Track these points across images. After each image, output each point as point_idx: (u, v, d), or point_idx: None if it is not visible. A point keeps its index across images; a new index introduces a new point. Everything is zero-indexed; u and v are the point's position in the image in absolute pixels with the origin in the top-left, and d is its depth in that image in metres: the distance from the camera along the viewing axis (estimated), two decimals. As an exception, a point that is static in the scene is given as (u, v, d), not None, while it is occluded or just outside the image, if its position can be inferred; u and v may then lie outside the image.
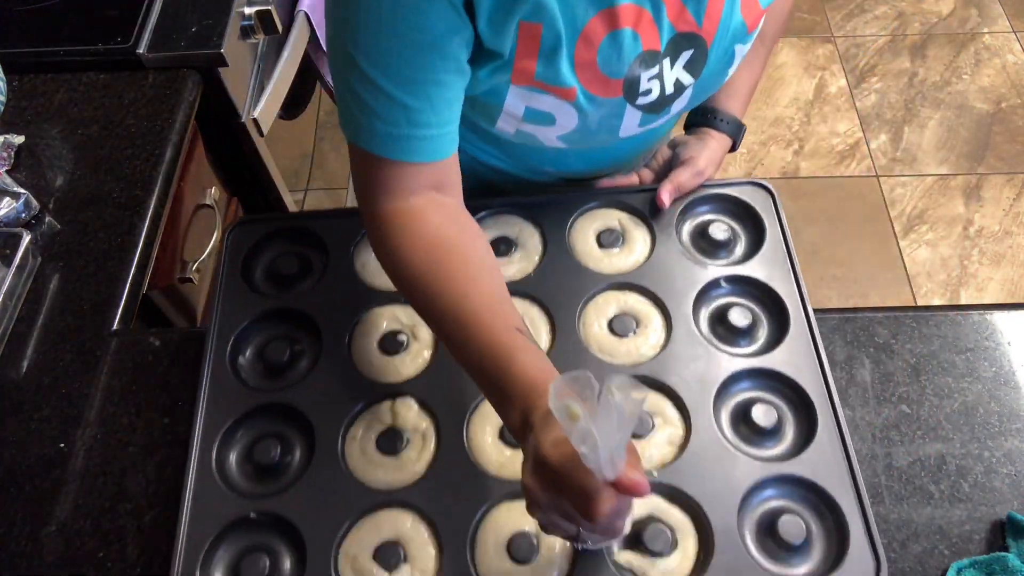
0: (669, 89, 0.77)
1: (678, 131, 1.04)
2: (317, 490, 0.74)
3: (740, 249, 0.90)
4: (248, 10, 1.20)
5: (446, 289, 0.67)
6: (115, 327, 0.88)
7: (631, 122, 0.79)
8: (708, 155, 0.92)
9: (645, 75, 0.74)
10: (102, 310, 0.89)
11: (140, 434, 0.81)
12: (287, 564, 0.72)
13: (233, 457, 0.78)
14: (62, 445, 0.80)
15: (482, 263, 0.70)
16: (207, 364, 0.81)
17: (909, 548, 0.72)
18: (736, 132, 0.95)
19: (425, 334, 0.83)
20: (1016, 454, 0.77)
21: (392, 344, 0.82)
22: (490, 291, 0.67)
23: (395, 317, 0.84)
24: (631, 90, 0.75)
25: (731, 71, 0.82)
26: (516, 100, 0.74)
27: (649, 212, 0.91)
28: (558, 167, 0.96)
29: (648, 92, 0.76)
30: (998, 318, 0.86)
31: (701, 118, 0.96)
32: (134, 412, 0.82)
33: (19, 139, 1.02)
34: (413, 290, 0.70)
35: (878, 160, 2.37)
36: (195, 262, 1.14)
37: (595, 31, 0.69)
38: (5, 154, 1.00)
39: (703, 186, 0.93)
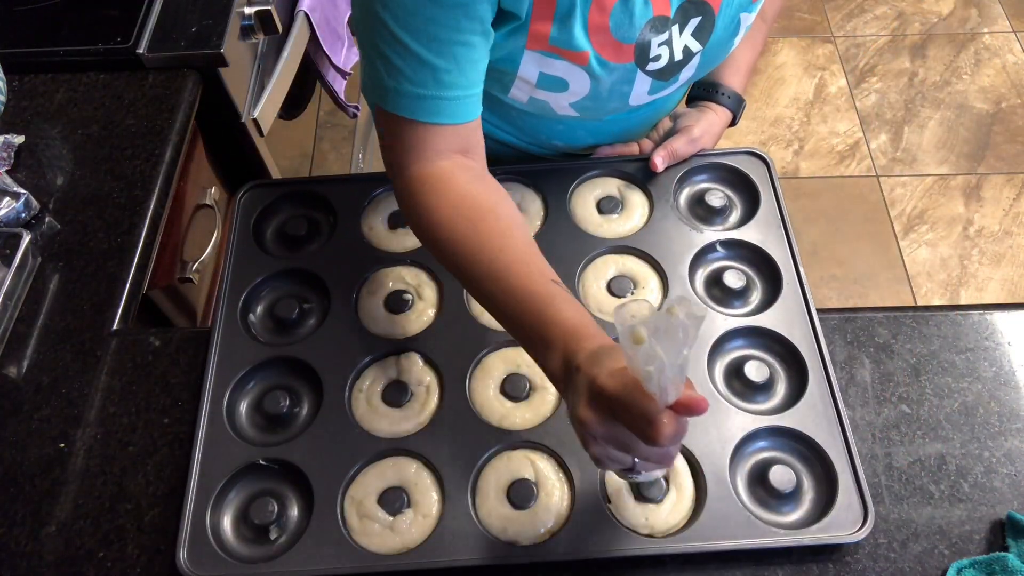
0: (678, 56, 0.79)
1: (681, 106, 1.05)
2: (324, 439, 0.77)
3: (736, 215, 0.93)
4: (248, 10, 1.20)
5: (481, 246, 0.68)
6: (115, 327, 0.88)
7: (641, 88, 0.81)
8: (705, 125, 0.95)
9: (655, 40, 0.76)
10: (102, 310, 0.89)
11: (140, 434, 0.81)
12: (295, 508, 0.74)
13: (243, 407, 0.80)
14: (62, 445, 0.80)
15: (512, 220, 0.71)
16: (219, 320, 0.84)
17: (909, 548, 0.72)
18: (736, 106, 0.98)
19: (430, 293, 0.86)
20: (1016, 454, 0.77)
21: (398, 303, 0.85)
22: (524, 246, 0.69)
23: (401, 277, 0.87)
24: (642, 55, 0.77)
25: (737, 40, 0.84)
26: (530, 66, 0.76)
27: (645, 179, 0.94)
28: (567, 140, 0.97)
29: (658, 58, 0.78)
30: (998, 318, 0.86)
31: (703, 92, 0.98)
32: (134, 412, 0.82)
33: (19, 139, 1.02)
34: (446, 250, 0.71)
35: (878, 160, 2.36)
36: (195, 262, 1.14)
37: None
38: (5, 154, 1.00)
39: (701, 155, 0.95)
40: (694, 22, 0.77)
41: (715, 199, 0.92)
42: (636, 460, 0.59)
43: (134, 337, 0.88)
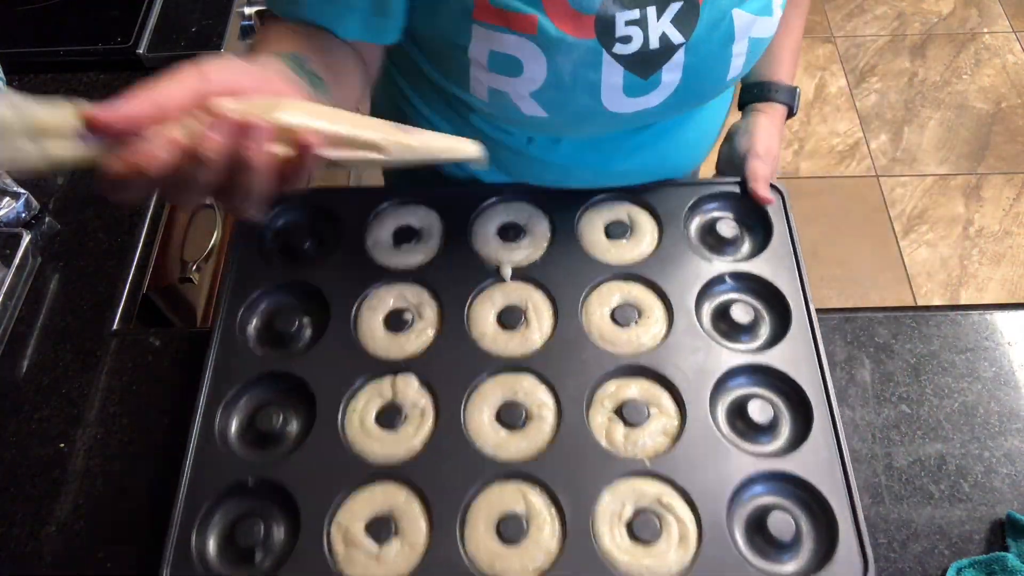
0: (654, 43, 0.71)
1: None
2: (315, 459, 0.75)
3: (747, 247, 0.90)
4: (248, 10, 1.20)
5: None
6: (115, 327, 0.88)
7: (613, 79, 0.73)
8: (762, 133, 0.92)
9: (622, 16, 0.68)
10: (102, 310, 0.89)
11: (140, 434, 0.81)
12: (282, 531, 0.73)
13: (235, 423, 0.79)
14: (62, 445, 0.80)
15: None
16: (216, 333, 0.82)
17: (909, 548, 0.72)
18: (790, 98, 0.95)
19: (430, 313, 0.85)
20: (1016, 454, 0.77)
21: (397, 321, 0.84)
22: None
23: (402, 295, 0.86)
24: (605, 32, 0.69)
25: (736, 50, 0.75)
26: (480, 44, 0.70)
27: (657, 204, 0.92)
28: (547, 162, 0.91)
29: (628, 40, 0.70)
30: (998, 318, 0.86)
31: (753, 95, 0.96)
32: (134, 412, 0.82)
33: (19, 139, 1.02)
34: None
35: (878, 160, 2.37)
36: (195, 262, 1.14)
37: None
38: (5, 154, 1.00)
39: (713, 183, 0.93)
40: (674, 7, 0.69)
41: (726, 229, 0.89)
42: None
43: (134, 337, 0.88)
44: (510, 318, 0.83)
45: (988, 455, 0.77)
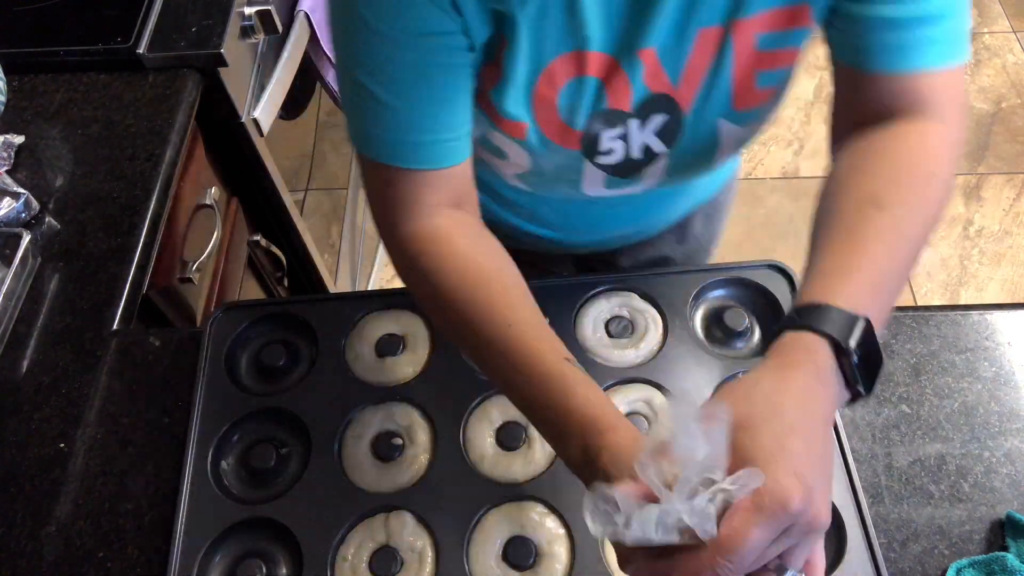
0: (636, 154, 0.71)
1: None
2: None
3: (757, 336, 0.84)
4: (248, 10, 1.20)
5: (488, 319, 0.62)
6: (115, 327, 0.88)
7: (594, 179, 0.74)
8: (772, 433, 0.48)
9: (607, 134, 0.69)
10: (102, 310, 0.89)
11: (140, 434, 0.81)
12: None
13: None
14: (62, 445, 0.80)
15: (519, 289, 0.65)
16: (186, 470, 0.76)
17: (909, 548, 0.72)
18: (845, 329, 0.52)
19: (423, 436, 0.78)
20: (1016, 454, 0.77)
21: (387, 449, 0.77)
22: (533, 320, 0.63)
23: (390, 417, 0.79)
24: (590, 146, 0.70)
25: (719, 154, 0.74)
26: (476, 126, 0.69)
27: (657, 296, 0.85)
28: (531, 211, 0.88)
29: (610, 152, 0.70)
30: (998, 318, 0.86)
31: (790, 322, 0.55)
32: (134, 412, 0.82)
33: (19, 139, 1.02)
34: (449, 320, 0.65)
35: (878, 160, 2.37)
36: (195, 262, 1.14)
37: (561, 70, 0.64)
38: (5, 154, 1.00)
39: (716, 269, 0.86)
40: (657, 119, 0.68)
41: (734, 320, 0.83)
42: None
43: (134, 337, 0.88)
44: (509, 437, 0.77)
45: (988, 455, 0.77)
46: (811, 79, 2.56)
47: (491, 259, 0.67)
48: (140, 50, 1.11)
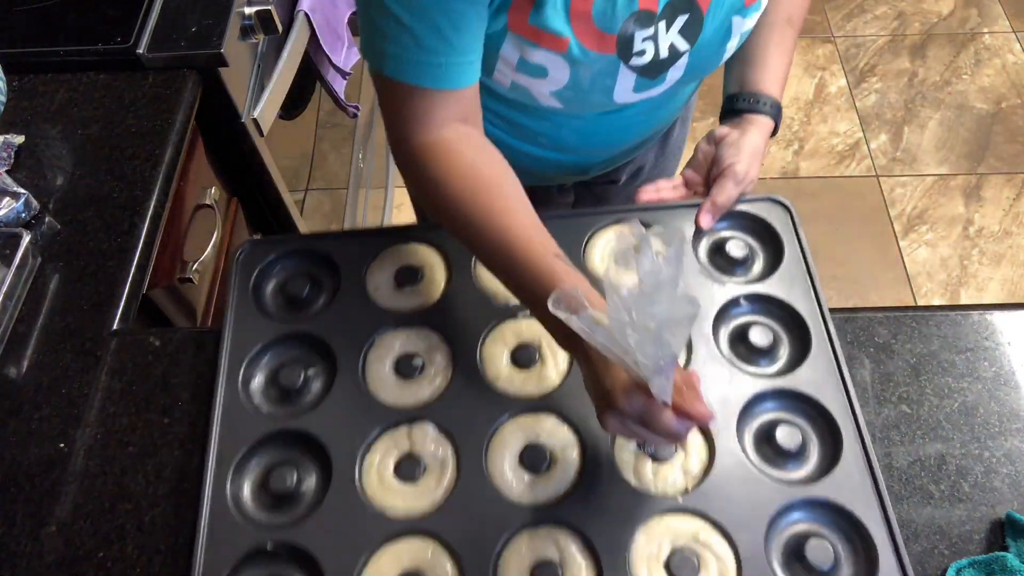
0: (664, 53, 0.78)
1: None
2: (335, 519, 0.73)
3: (758, 266, 0.88)
4: (248, 10, 1.20)
5: (488, 221, 0.71)
6: (115, 327, 0.88)
7: (626, 84, 0.80)
8: (749, 151, 0.89)
9: (639, 35, 0.75)
10: (102, 310, 0.89)
11: (140, 434, 0.81)
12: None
13: (248, 487, 0.76)
14: (62, 445, 0.80)
15: (516, 194, 0.74)
16: (219, 391, 0.80)
17: (909, 548, 0.72)
18: (777, 114, 0.93)
19: (440, 357, 0.82)
20: (1016, 454, 0.77)
21: (407, 368, 0.81)
22: (528, 222, 0.72)
23: (410, 340, 0.83)
24: (625, 48, 0.76)
25: (730, 46, 0.82)
26: (511, 48, 0.75)
27: (662, 226, 0.90)
28: (553, 138, 0.94)
29: (642, 53, 0.77)
30: (998, 318, 0.86)
31: (743, 103, 0.93)
32: (134, 412, 0.82)
33: (19, 139, 1.02)
34: (454, 221, 0.74)
35: (878, 160, 2.37)
36: (195, 262, 1.14)
37: None
38: (5, 154, 1.00)
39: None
40: (681, 19, 0.76)
41: (736, 249, 0.87)
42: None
43: (134, 337, 0.88)
44: (524, 356, 0.81)
45: (988, 455, 0.77)
46: (811, 79, 2.56)
47: (492, 167, 0.75)
48: (140, 50, 1.11)
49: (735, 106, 0.94)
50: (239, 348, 0.83)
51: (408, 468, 0.75)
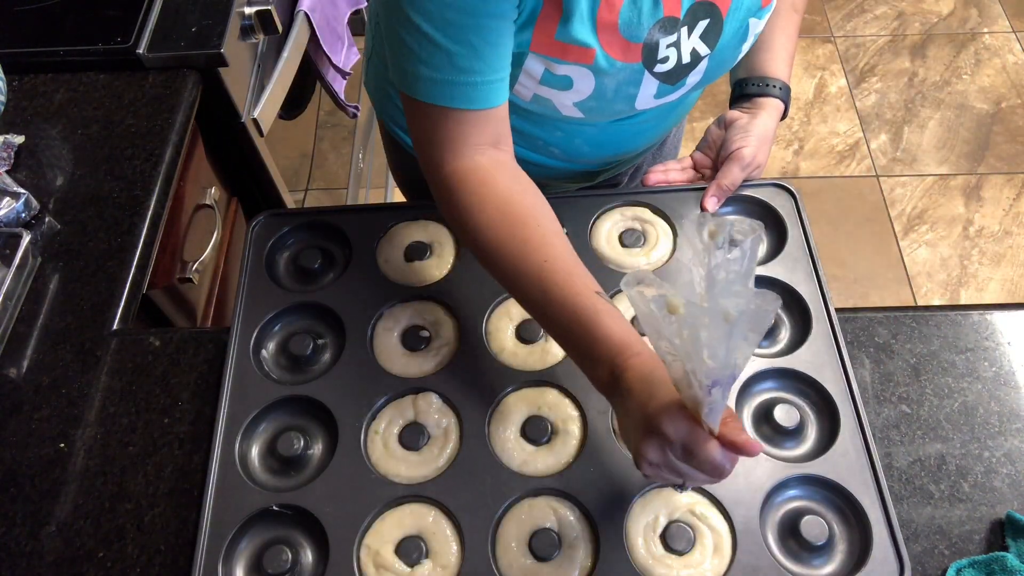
0: (686, 58, 0.78)
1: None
2: (339, 483, 0.75)
3: (763, 250, 0.90)
4: (248, 10, 1.20)
5: (526, 255, 0.70)
6: (115, 327, 0.88)
7: (647, 91, 0.81)
8: (758, 135, 0.90)
9: (664, 41, 0.75)
10: (102, 310, 0.89)
11: (140, 434, 0.81)
12: (309, 557, 0.72)
13: (256, 449, 0.78)
14: (62, 445, 0.80)
15: (553, 226, 0.73)
16: (231, 356, 0.82)
17: (909, 548, 0.72)
18: (786, 96, 0.94)
19: (447, 330, 0.84)
20: (1016, 454, 0.77)
21: (414, 340, 0.83)
22: (567, 255, 0.70)
23: (418, 313, 0.85)
24: (650, 56, 0.76)
25: (745, 47, 0.83)
26: (536, 63, 0.75)
27: (669, 209, 0.91)
28: (564, 148, 0.95)
29: (666, 60, 0.77)
30: (998, 318, 0.86)
31: (752, 87, 0.94)
32: (134, 412, 0.82)
33: (19, 139, 1.02)
34: (489, 255, 0.72)
35: (878, 160, 2.37)
36: (195, 262, 1.14)
37: None
38: (5, 154, 1.00)
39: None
40: (702, 24, 0.77)
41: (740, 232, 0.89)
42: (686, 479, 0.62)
43: (134, 337, 0.88)
44: (528, 331, 0.82)
45: (988, 455, 0.77)
46: (811, 79, 2.56)
47: (528, 198, 0.74)
48: (140, 50, 1.11)
49: (745, 90, 0.94)
50: (251, 315, 0.85)
51: (412, 436, 0.77)
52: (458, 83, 0.69)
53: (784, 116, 0.95)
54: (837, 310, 0.86)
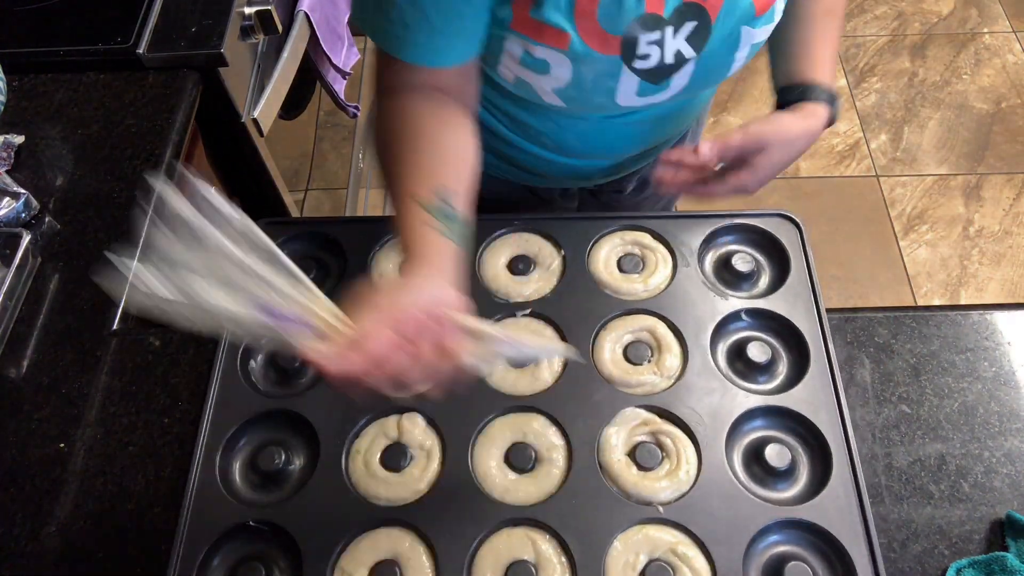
0: (669, 59, 0.77)
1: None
2: (318, 502, 0.73)
3: (764, 282, 0.87)
4: (248, 10, 1.20)
5: (400, 172, 0.73)
6: (115, 327, 0.88)
7: (628, 86, 0.79)
8: (776, 127, 0.84)
9: (644, 38, 0.75)
10: (102, 310, 0.89)
11: (140, 434, 0.81)
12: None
13: (237, 463, 0.77)
14: (62, 445, 0.80)
15: (444, 150, 0.75)
16: (218, 364, 0.81)
17: (909, 548, 0.72)
18: (831, 100, 0.88)
19: None
20: (1016, 454, 0.77)
21: None
22: (429, 170, 0.73)
23: None
24: (629, 50, 0.75)
25: (739, 56, 0.81)
26: (515, 42, 0.76)
27: (670, 236, 0.88)
28: (554, 137, 0.94)
29: (646, 57, 0.76)
30: (998, 318, 0.86)
31: (793, 95, 0.89)
32: (134, 412, 0.82)
33: (19, 139, 1.02)
34: (383, 164, 0.77)
35: (878, 160, 2.37)
36: (195, 262, 1.14)
37: None
38: (5, 154, 1.00)
39: (728, 215, 0.90)
40: (689, 26, 0.75)
41: (742, 263, 0.86)
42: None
43: (134, 337, 0.88)
44: None
45: (988, 455, 0.77)
46: (811, 79, 2.56)
47: (434, 123, 0.76)
48: (140, 50, 1.11)
49: (787, 98, 0.90)
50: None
51: (394, 457, 0.76)
52: (403, 38, 0.73)
53: (831, 122, 0.89)
54: (837, 310, 0.86)
